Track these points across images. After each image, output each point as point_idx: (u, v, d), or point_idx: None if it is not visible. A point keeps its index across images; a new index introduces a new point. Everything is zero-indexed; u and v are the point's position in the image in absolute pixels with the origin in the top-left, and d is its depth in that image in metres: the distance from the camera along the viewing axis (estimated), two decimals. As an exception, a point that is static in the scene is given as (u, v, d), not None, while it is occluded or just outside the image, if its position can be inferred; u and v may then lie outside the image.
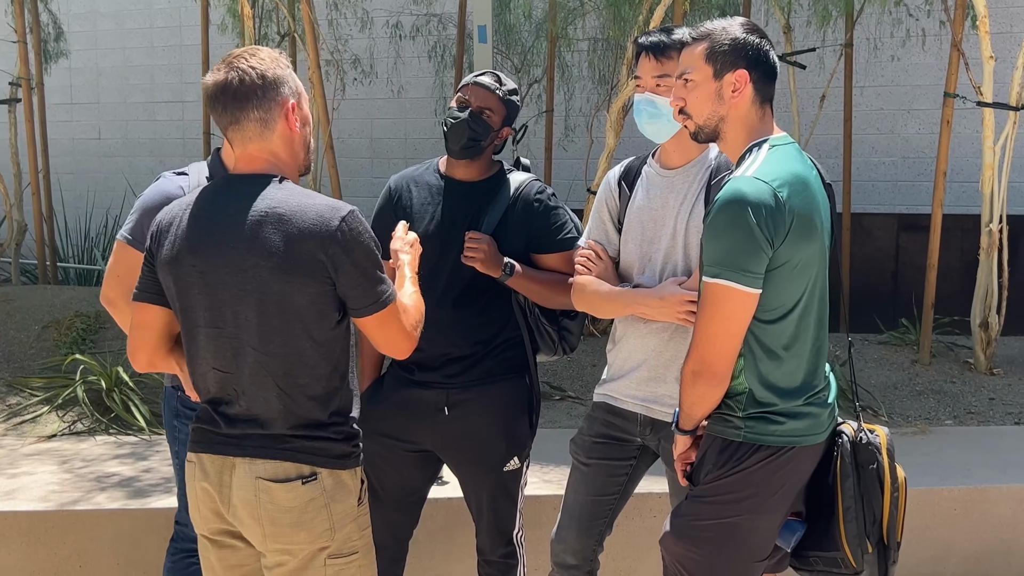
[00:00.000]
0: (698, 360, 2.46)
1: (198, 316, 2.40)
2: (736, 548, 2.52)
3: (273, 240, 2.29)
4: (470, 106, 3.10)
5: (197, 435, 2.47)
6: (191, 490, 2.49)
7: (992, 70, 5.59)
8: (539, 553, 3.73)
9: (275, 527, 2.36)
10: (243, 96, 2.37)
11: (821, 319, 2.57)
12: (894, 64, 7.94)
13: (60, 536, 3.95)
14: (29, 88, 7.63)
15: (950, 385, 5.64)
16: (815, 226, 2.47)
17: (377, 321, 2.40)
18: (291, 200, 2.33)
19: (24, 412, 5.14)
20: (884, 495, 2.58)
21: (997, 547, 4.21)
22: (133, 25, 10.28)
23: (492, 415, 3.13)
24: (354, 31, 8.61)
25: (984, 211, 5.74)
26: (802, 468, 2.54)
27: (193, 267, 2.37)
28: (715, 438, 2.54)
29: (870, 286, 7.82)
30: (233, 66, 2.39)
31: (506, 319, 3.15)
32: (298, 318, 2.33)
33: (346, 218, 2.32)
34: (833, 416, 2.63)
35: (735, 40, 2.51)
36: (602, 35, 7.68)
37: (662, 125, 2.89)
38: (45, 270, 7.88)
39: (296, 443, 2.37)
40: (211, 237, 2.35)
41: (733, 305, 2.41)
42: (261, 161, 2.42)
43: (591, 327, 6.26)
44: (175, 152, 9.98)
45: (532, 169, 3.31)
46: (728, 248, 2.38)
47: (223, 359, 2.39)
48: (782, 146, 2.52)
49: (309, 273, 2.29)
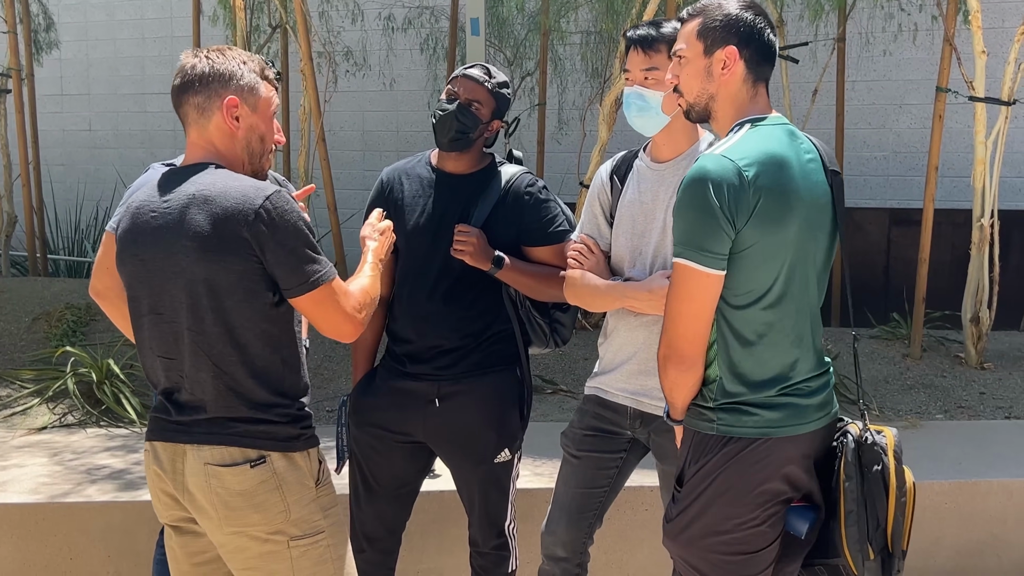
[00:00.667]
0: (666, 344, 2.42)
1: (143, 305, 2.45)
2: (729, 546, 2.44)
3: (198, 221, 2.33)
4: (459, 98, 3.10)
5: (152, 423, 2.52)
6: (149, 478, 2.54)
7: (984, 65, 5.60)
8: (530, 546, 3.73)
9: (228, 510, 2.39)
10: (187, 83, 2.47)
11: (802, 308, 2.46)
12: (886, 59, 7.95)
13: (51, 528, 3.94)
14: (19, 79, 7.60)
15: (941, 379, 5.65)
16: (790, 209, 2.37)
17: (311, 302, 2.39)
18: (217, 183, 2.37)
19: (14, 404, 5.12)
20: (889, 499, 2.45)
21: (987, 540, 4.22)
22: (124, 16, 10.24)
23: (483, 407, 3.13)
24: (346, 23, 8.59)
25: (975, 206, 5.75)
26: (783, 460, 2.42)
27: (135, 256, 2.43)
28: (692, 432, 2.49)
29: (861, 280, 7.83)
30: (194, 54, 2.50)
31: (497, 312, 3.15)
32: (227, 296, 2.35)
33: (270, 197, 2.34)
34: (827, 408, 2.52)
35: (727, 16, 2.46)
36: (595, 28, 7.67)
37: (650, 118, 2.88)
38: (35, 262, 7.86)
39: (239, 427, 2.40)
40: (148, 226, 2.41)
41: (693, 285, 2.35)
42: (200, 149, 2.48)
43: (583, 321, 6.26)
44: (166, 144, 9.96)
45: (524, 162, 3.31)
46: (689, 227, 2.34)
47: (165, 345, 2.43)
48: (766, 126, 2.44)
49: (233, 251, 2.32)
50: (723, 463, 2.42)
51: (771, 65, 2.53)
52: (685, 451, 2.52)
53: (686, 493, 2.49)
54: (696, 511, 2.46)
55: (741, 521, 2.43)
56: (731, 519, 2.43)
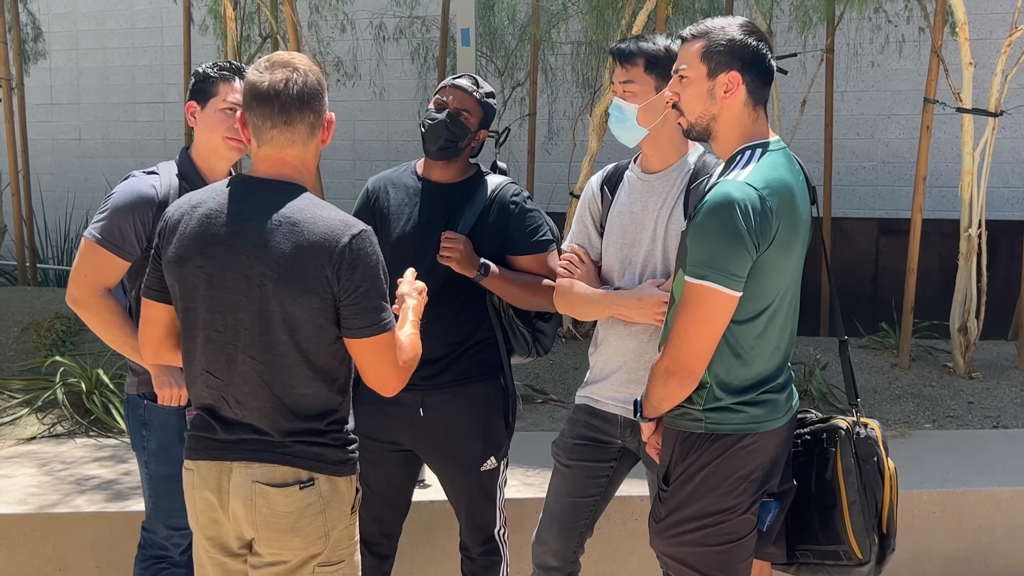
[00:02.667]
0: (673, 359, 2.49)
1: (198, 318, 2.38)
2: (720, 535, 2.56)
3: (282, 249, 2.27)
4: (448, 107, 3.13)
5: (193, 442, 2.45)
6: (189, 499, 2.47)
7: (971, 76, 5.63)
8: (522, 556, 3.73)
9: (269, 532, 2.35)
10: (306, 98, 2.35)
11: (785, 323, 2.61)
12: (874, 69, 7.99)
13: (40, 539, 3.93)
14: (9, 88, 7.59)
15: (929, 389, 5.67)
16: (798, 233, 2.51)
17: (368, 347, 2.36)
18: (307, 210, 2.31)
19: (3, 414, 5.11)
20: (885, 486, 2.63)
21: (975, 549, 4.23)
22: (114, 25, 10.24)
23: (468, 416, 3.15)
24: (336, 33, 8.60)
25: (963, 216, 5.78)
26: (765, 451, 2.57)
27: (200, 268, 2.35)
28: (676, 432, 2.59)
29: (850, 290, 7.85)
30: (294, 67, 2.36)
31: (480, 320, 3.17)
32: (297, 331, 2.31)
33: (357, 236, 2.30)
34: (791, 400, 2.67)
35: (732, 41, 2.52)
36: (585, 39, 7.69)
37: (627, 129, 2.92)
38: (25, 271, 7.84)
39: (294, 447, 2.35)
40: (222, 240, 2.33)
41: (715, 307, 2.43)
42: (290, 168, 2.39)
43: (573, 330, 6.27)
44: (156, 153, 9.92)
45: (514, 172, 3.33)
46: (715, 250, 2.40)
47: (215, 364, 2.37)
48: (774, 152, 2.53)
49: (312, 288, 2.28)
50: (712, 458, 2.54)
51: (769, 88, 2.60)
52: (669, 451, 2.62)
53: (674, 490, 2.59)
54: (687, 506, 2.57)
55: (730, 511, 2.55)
56: (722, 510, 2.55)
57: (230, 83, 3.03)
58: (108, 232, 2.95)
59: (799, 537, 2.68)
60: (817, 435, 2.69)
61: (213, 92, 3.03)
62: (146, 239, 2.96)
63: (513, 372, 3.26)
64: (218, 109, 3.03)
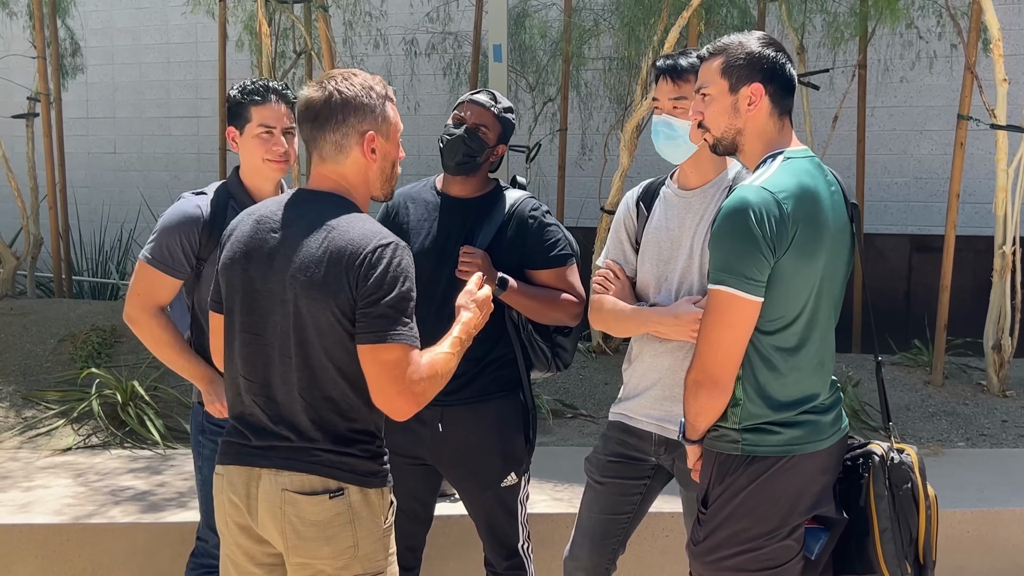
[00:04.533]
0: (699, 369, 2.48)
1: (236, 320, 2.42)
2: (758, 561, 2.52)
3: (313, 254, 2.31)
4: (466, 123, 3.16)
5: (225, 448, 2.47)
6: (218, 504, 2.49)
7: (1006, 92, 5.60)
8: (551, 571, 3.73)
9: (299, 540, 2.35)
10: (323, 117, 2.38)
11: (825, 336, 2.57)
12: (906, 85, 7.95)
13: (75, 550, 3.97)
14: (47, 103, 7.69)
15: (963, 407, 5.62)
16: (821, 240, 2.47)
17: (370, 356, 2.29)
18: (344, 219, 2.34)
19: (39, 425, 5.17)
20: (920, 514, 2.57)
21: (1011, 570, 4.19)
22: (149, 41, 10.36)
23: (486, 433, 3.16)
24: (369, 48, 8.67)
25: (997, 233, 5.74)
26: (806, 475, 2.52)
27: (244, 271, 2.40)
28: (715, 454, 2.56)
29: (883, 307, 7.78)
30: (323, 86, 2.39)
31: (499, 336, 3.17)
32: (323, 336, 2.32)
33: (385, 247, 2.30)
34: (839, 423, 2.62)
35: (750, 54, 2.53)
36: (617, 54, 7.71)
37: (678, 146, 2.91)
38: (60, 283, 7.93)
39: (324, 456, 2.36)
40: (265, 244, 2.38)
41: (736, 312, 2.42)
42: (330, 182, 2.43)
43: (603, 345, 6.27)
44: (190, 167, 10.05)
45: (544, 187, 3.34)
46: (731, 255, 2.40)
47: (251, 366, 2.40)
48: (796, 159, 2.52)
49: (334, 293, 2.29)
50: (750, 481, 2.50)
51: (792, 97, 2.60)
52: (708, 473, 2.58)
53: (712, 513, 2.55)
54: (725, 530, 2.53)
55: (769, 536, 2.50)
56: (759, 535, 2.50)
57: (262, 106, 3.09)
58: (158, 252, 3.06)
59: (839, 567, 2.63)
60: (855, 461, 2.65)
61: (248, 117, 3.10)
62: (195, 256, 3.06)
63: (543, 387, 3.27)
64: (254, 135, 3.10)
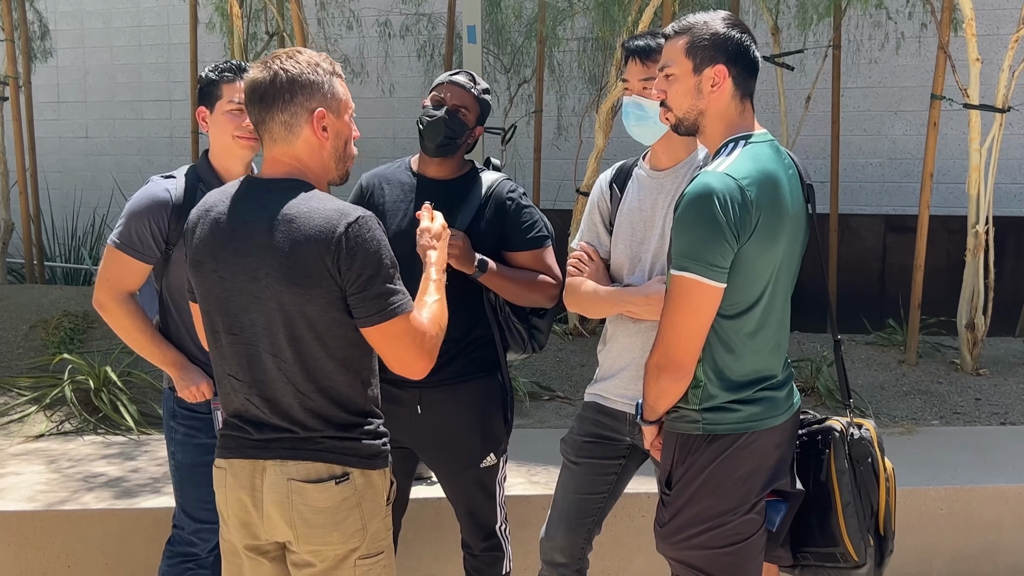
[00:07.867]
0: (662, 354, 2.49)
1: (216, 323, 2.40)
2: (724, 537, 2.55)
3: (282, 247, 2.27)
4: (446, 104, 3.14)
5: (226, 441, 2.44)
6: (221, 498, 2.46)
7: (978, 72, 5.62)
8: (528, 552, 3.74)
9: (308, 528, 2.34)
10: (270, 97, 2.33)
11: (781, 319, 2.60)
12: (880, 66, 7.97)
13: (48, 536, 3.95)
14: (16, 87, 7.60)
15: (936, 385, 5.66)
16: (782, 225, 2.48)
17: (381, 334, 2.32)
18: (302, 205, 2.30)
19: (11, 412, 5.13)
20: (880, 488, 2.62)
21: (983, 547, 4.23)
22: (120, 24, 10.25)
23: (466, 414, 3.16)
24: (343, 30, 8.60)
25: (971, 213, 5.76)
26: (765, 450, 2.55)
27: (213, 272, 2.37)
28: (676, 435, 2.58)
29: (857, 287, 7.85)
30: (267, 65, 2.35)
31: (477, 318, 3.17)
32: (314, 326, 2.31)
33: (353, 224, 2.27)
34: (791, 398, 2.66)
35: (715, 35, 2.52)
36: (592, 35, 7.69)
37: (648, 127, 2.91)
38: (32, 269, 7.86)
39: (327, 443, 2.35)
40: (229, 243, 2.34)
41: (699, 298, 2.42)
42: (284, 165, 2.38)
43: (580, 327, 6.27)
44: (163, 151, 9.96)
45: (520, 169, 3.33)
46: (695, 241, 2.40)
47: (237, 366, 2.38)
48: (757, 144, 2.52)
49: (316, 282, 2.27)
50: (711, 460, 2.53)
51: (755, 80, 2.60)
52: (670, 455, 2.61)
53: (676, 494, 2.58)
54: (690, 509, 2.56)
55: (733, 512, 2.54)
56: (724, 511, 2.54)
57: (233, 83, 3.06)
58: (126, 236, 3.03)
59: (800, 539, 2.68)
60: (813, 436, 2.69)
61: (218, 95, 3.07)
62: (164, 240, 3.03)
63: (520, 369, 3.27)
64: (224, 111, 3.07)
